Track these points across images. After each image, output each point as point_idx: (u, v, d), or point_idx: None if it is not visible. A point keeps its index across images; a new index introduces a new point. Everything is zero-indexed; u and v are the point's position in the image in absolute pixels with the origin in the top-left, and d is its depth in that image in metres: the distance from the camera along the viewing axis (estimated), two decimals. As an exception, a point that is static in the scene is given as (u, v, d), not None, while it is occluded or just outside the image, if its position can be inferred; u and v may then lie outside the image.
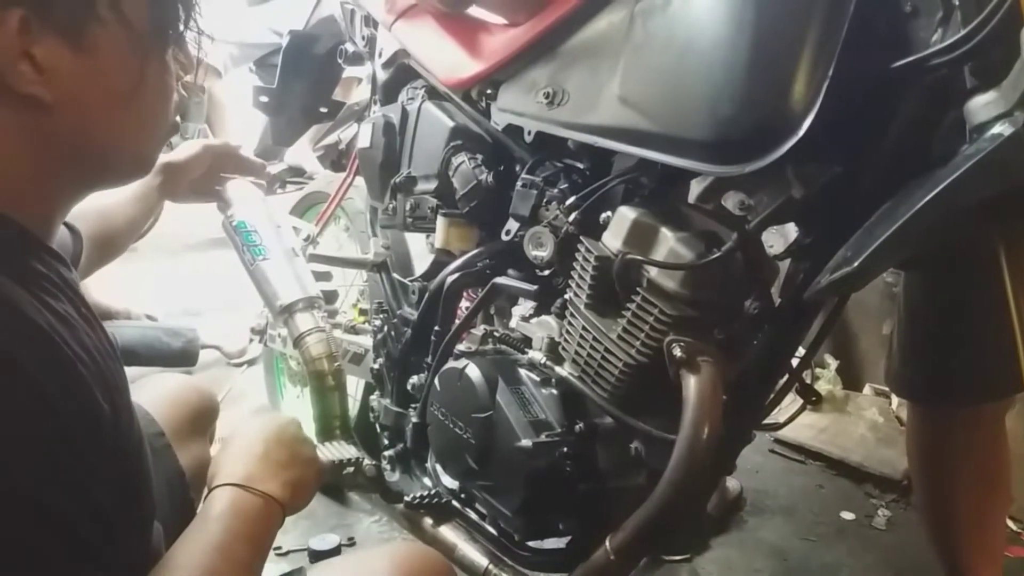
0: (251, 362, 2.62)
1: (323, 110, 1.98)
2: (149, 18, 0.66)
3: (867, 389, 2.34)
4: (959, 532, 1.34)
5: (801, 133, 0.74)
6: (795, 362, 1.02)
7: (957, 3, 0.70)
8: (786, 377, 1.04)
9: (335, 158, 3.74)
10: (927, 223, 0.67)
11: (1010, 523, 1.58)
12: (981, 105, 0.68)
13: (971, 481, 1.32)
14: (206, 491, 0.81)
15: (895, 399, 2.22)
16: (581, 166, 1.07)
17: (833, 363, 2.33)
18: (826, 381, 2.30)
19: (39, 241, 0.67)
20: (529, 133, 1.10)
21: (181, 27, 0.70)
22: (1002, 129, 0.65)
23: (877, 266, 0.70)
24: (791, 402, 2.28)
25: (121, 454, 0.65)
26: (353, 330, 1.62)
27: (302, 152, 4.03)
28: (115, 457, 0.63)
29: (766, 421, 2.09)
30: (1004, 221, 0.71)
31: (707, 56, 0.81)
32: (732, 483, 1.93)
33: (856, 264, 0.68)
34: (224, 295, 3.05)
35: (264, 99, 1.86)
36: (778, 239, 0.90)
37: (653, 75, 0.88)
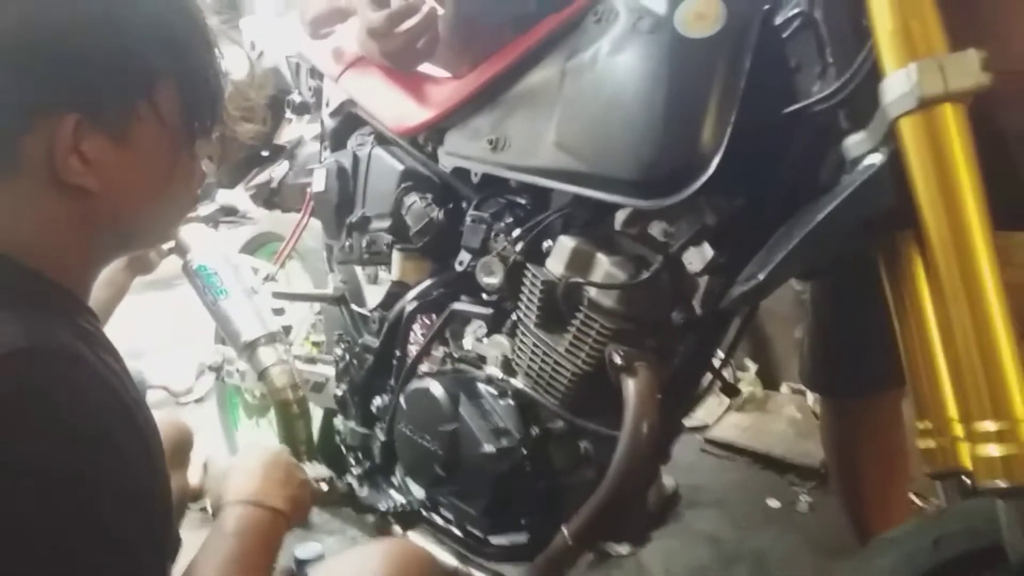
0: (199, 399, 2.68)
1: (265, 154, 2.08)
2: (181, 117, 0.77)
3: (784, 388, 2.53)
4: (868, 506, 1.50)
5: (710, 171, 0.88)
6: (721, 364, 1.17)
7: (831, 60, 0.85)
8: (710, 376, 1.19)
9: (267, 196, 3.80)
10: (816, 241, 0.81)
11: (913, 498, 1.75)
12: (855, 143, 0.81)
13: (875, 461, 1.48)
14: (190, 510, 0.91)
15: (810, 396, 2.41)
16: (523, 202, 1.19)
17: (753, 366, 2.51)
18: (747, 383, 2.48)
19: (83, 302, 0.77)
20: (475, 175, 1.23)
21: (208, 123, 0.81)
22: (872, 161, 0.78)
23: (777, 279, 0.85)
24: (718, 405, 2.46)
25: (162, 491, 0.76)
26: (312, 361, 1.72)
27: (234, 191, 4.07)
28: (162, 494, 0.74)
29: (697, 424, 2.26)
30: (879, 236, 0.85)
31: (629, 107, 0.94)
32: (668, 481, 2.06)
33: (760, 278, 0.82)
34: (163, 335, 3.09)
35: (209, 146, 1.95)
36: (697, 259, 1.04)
37: (584, 123, 1.01)
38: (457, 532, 1.30)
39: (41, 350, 0.64)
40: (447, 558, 1.28)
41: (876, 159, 0.78)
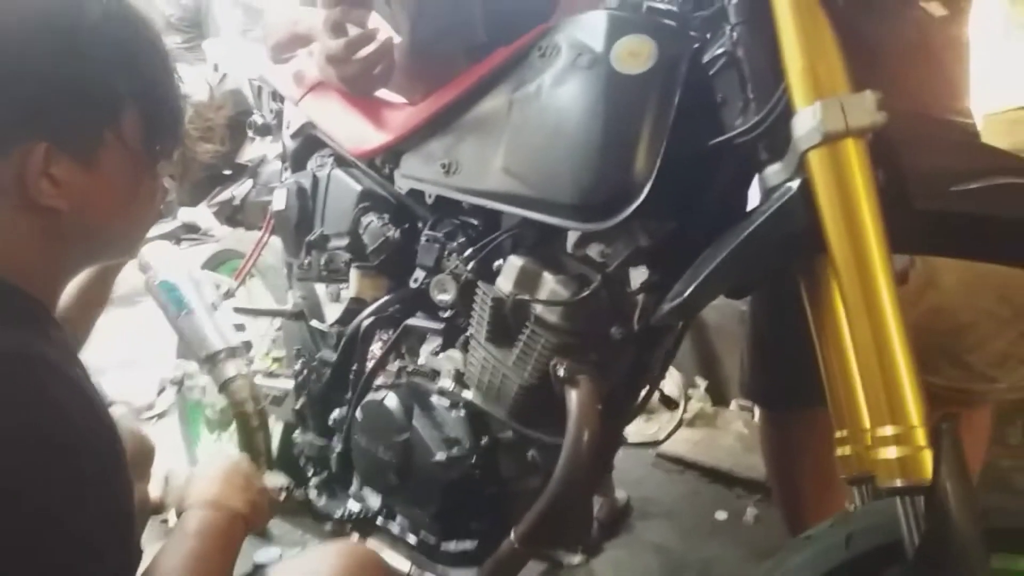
0: (161, 415, 2.70)
1: (227, 172, 2.13)
2: (144, 140, 0.83)
3: (733, 405, 2.60)
4: (806, 515, 1.57)
5: (642, 198, 0.95)
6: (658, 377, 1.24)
7: (752, 97, 0.93)
8: (647, 388, 1.26)
9: (229, 214, 3.84)
10: (736, 262, 0.88)
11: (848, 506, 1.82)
12: (773, 172, 0.88)
13: (812, 472, 1.55)
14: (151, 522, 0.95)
15: (758, 411, 2.49)
16: (475, 223, 1.25)
17: (702, 383, 2.59)
18: (697, 399, 2.56)
19: (51, 313, 0.82)
20: (430, 196, 1.29)
21: (170, 146, 0.87)
22: (786, 189, 0.85)
23: (702, 296, 0.91)
24: (668, 420, 2.54)
25: (129, 494, 0.80)
26: (272, 375, 1.76)
27: (196, 209, 4.09)
28: (129, 497, 0.79)
29: (648, 439, 2.33)
30: (798, 258, 0.92)
31: (569, 136, 1.02)
32: (620, 493, 2.15)
33: (685, 296, 0.89)
34: (122, 352, 3.10)
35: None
36: (635, 278, 1.11)
37: (528, 150, 1.08)
38: (411, 539, 1.35)
39: (14, 356, 0.69)
40: (402, 564, 1.33)
41: (790, 187, 0.84)
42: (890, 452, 0.77)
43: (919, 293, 1.44)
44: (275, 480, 1.42)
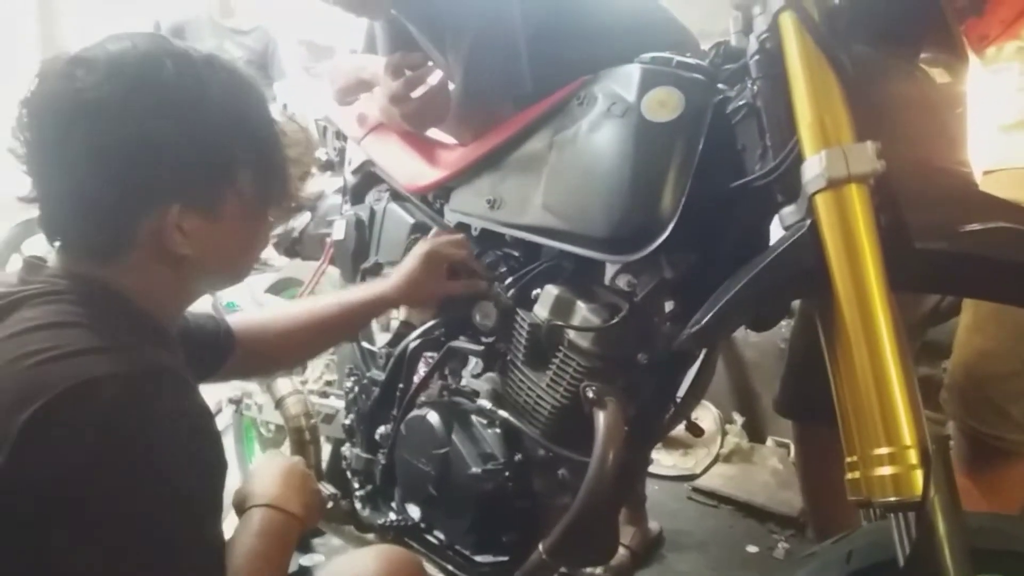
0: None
1: (292, 205, 2.27)
2: (258, 194, 0.95)
3: (769, 441, 2.64)
4: (835, 529, 1.59)
5: (667, 234, 1.05)
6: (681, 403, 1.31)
7: (769, 144, 1.01)
8: (677, 417, 1.33)
9: (289, 245, 4.00)
10: (750, 294, 0.95)
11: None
12: (787, 213, 0.96)
13: (840, 484, 1.58)
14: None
15: (792, 449, 2.53)
16: (516, 254, 1.35)
17: (740, 419, 2.64)
18: (734, 435, 2.61)
19: (173, 335, 0.96)
20: (475, 229, 1.40)
21: (280, 197, 1.00)
22: (798, 229, 0.92)
23: (719, 326, 0.98)
24: (705, 455, 2.59)
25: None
26: (325, 395, 1.87)
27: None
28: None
29: (684, 473, 2.38)
30: (813, 292, 0.99)
31: (602, 177, 1.12)
32: (653, 524, 2.20)
33: (702, 324, 0.96)
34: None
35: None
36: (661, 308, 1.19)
37: (565, 189, 1.18)
38: (447, 551, 1.43)
39: (165, 370, 0.82)
40: (436, 573, 1.41)
41: (799, 227, 0.92)
42: (884, 470, 0.83)
43: (968, 334, 1.49)
44: (324, 490, 1.53)
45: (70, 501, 0.74)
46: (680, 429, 1.39)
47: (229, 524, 1.02)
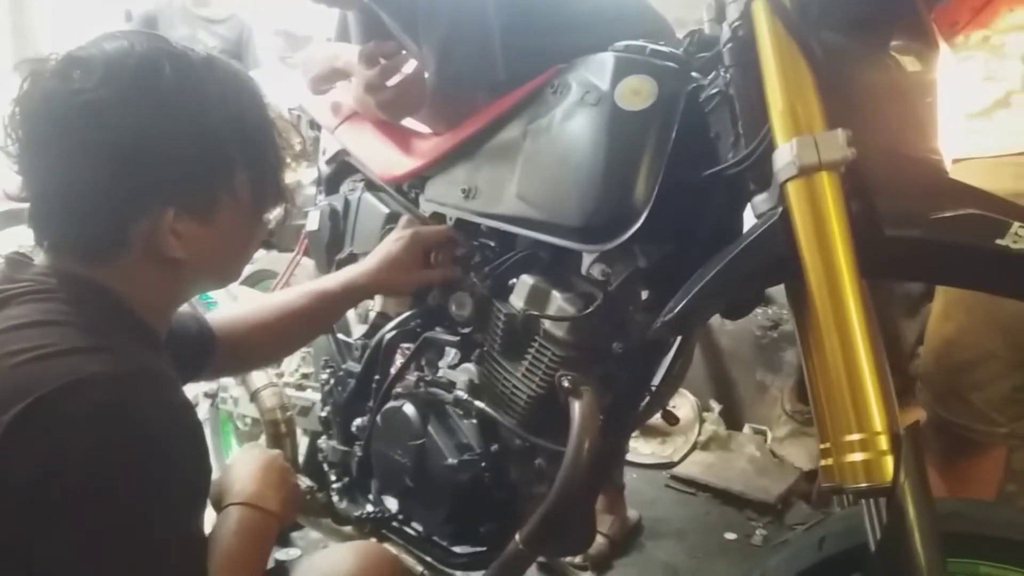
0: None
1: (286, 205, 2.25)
2: (252, 197, 0.95)
3: (746, 428, 2.67)
4: None
5: (640, 223, 1.04)
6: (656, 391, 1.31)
7: (742, 132, 1.01)
8: (653, 406, 1.34)
9: (266, 237, 3.98)
10: (722, 282, 0.95)
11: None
12: (759, 201, 0.95)
13: None
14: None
15: (769, 435, 2.55)
16: (492, 244, 1.35)
17: (717, 407, 2.66)
18: (711, 423, 2.63)
19: (161, 338, 0.96)
20: (451, 219, 1.39)
21: (273, 198, 1.00)
22: (769, 217, 0.92)
23: (691, 314, 0.98)
24: (683, 443, 2.61)
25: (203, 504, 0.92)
26: (300, 388, 1.86)
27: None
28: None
29: (662, 461, 2.39)
30: (784, 280, 0.99)
31: (575, 166, 1.11)
32: (631, 512, 2.21)
33: (675, 312, 0.96)
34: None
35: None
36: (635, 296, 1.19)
37: (539, 178, 1.18)
38: (424, 542, 1.43)
39: (150, 370, 0.82)
40: (413, 564, 1.41)
41: (771, 215, 0.92)
42: (855, 456, 0.83)
43: (937, 322, 1.50)
44: (301, 483, 1.52)
45: (54, 500, 0.74)
46: (658, 417, 1.39)
47: (207, 518, 1.02)
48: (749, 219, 1.02)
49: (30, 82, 0.85)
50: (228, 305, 1.69)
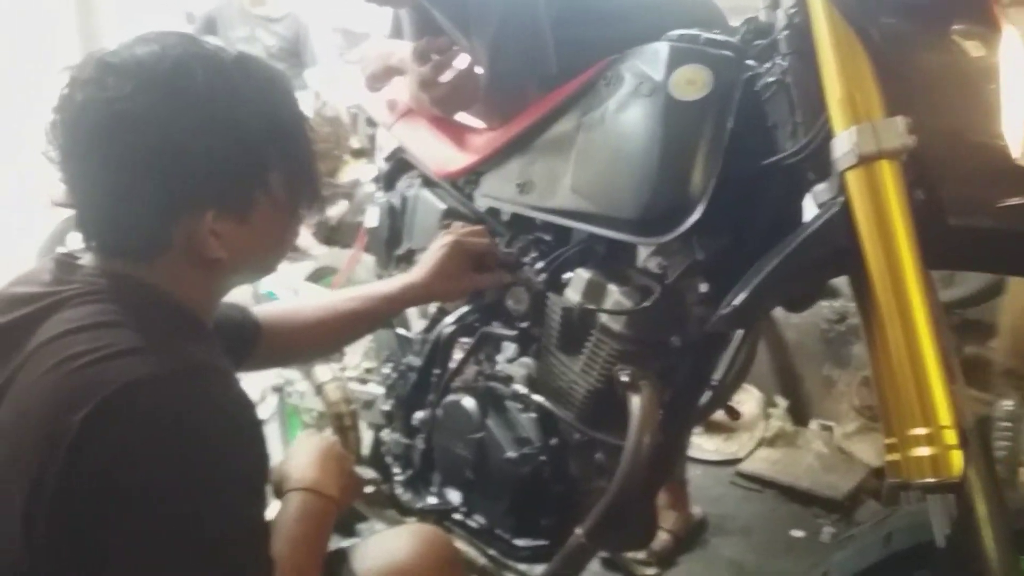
0: (264, 421, 2.87)
1: (325, 194, 2.30)
2: (288, 195, 0.97)
3: (813, 424, 2.61)
4: None
5: (698, 215, 1.03)
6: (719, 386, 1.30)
7: (800, 121, 0.99)
8: (715, 400, 1.32)
9: (326, 233, 4.06)
10: (783, 274, 0.93)
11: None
12: (820, 191, 0.94)
13: None
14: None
15: (837, 431, 2.50)
16: (547, 238, 1.34)
17: (783, 403, 2.61)
18: (777, 419, 2.58)
19: (211, 329, 0.98)
20: (506, 214, 1.39)
21: (309, 194, 1.01)
22: (830, 207, 0.90)
23: (751, 306, 0.96)
24: (748, 439, 2.57)
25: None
26: (363, 382, 1.89)
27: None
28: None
29: (728, 458, 2.36)
30: (848, 271, 0.97)
31: (630, 158, 1.10)
32: (696, 509, 2.19)
33: (735, 305, 0.95)
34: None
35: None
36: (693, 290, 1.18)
37: (594, 171, 1.17)
38: (487, 535, 1.44)
39: (208, 366, 0.85)
40: (475, 555, 1.43)
41: (831, 206, 0.90)
42: (922, 451, 0.81)
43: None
44: (365, 475, 1.55)
45: (120, 500, 0.77)
46: (722, 413, 1.38)
47: (269, 504, 1.04)
48: (809, 209, 1.01)
49: (68, 90, 0.87)
50: (278, 303, 1.73)
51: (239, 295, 1.89)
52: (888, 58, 0.88)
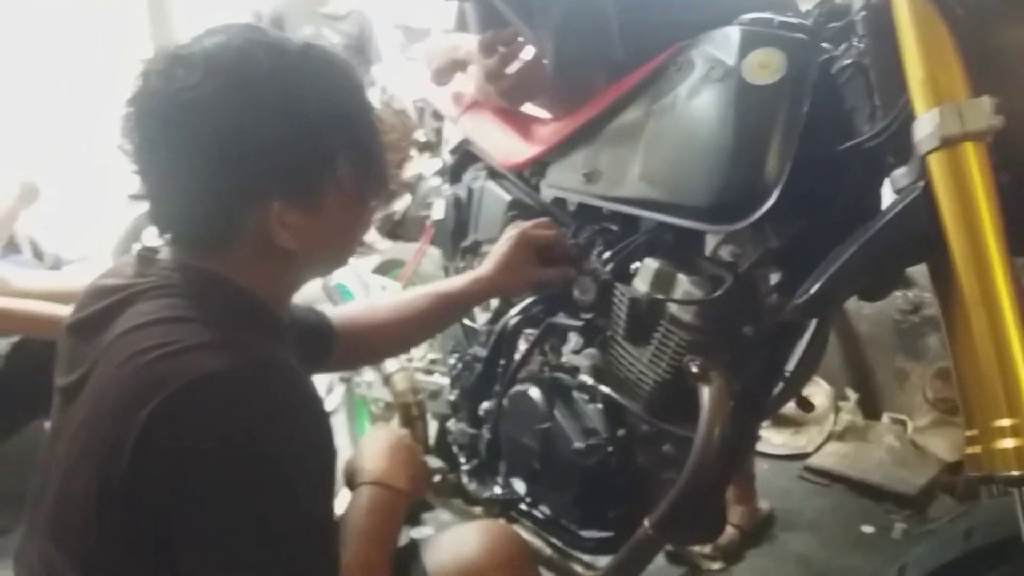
0: (332, 411, 2.92)
1: (392, 188, 2.32)
2: (357, 184, 0.96)
3: (885, 418, 2.54)
4: None
5: (772, 201, 1.01)
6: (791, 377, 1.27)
7: (879, 104, 0.97)
8: (787, 393, 1.30)
9: (391, 228, 4.10)
10: (862, 260, 0.91)
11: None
12: (900, 175, 0.91)
13: None
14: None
15: (910, 425, 2.44)
16: (614, 228, 1.33)
17: (853, 396, 2.55)
18: (847, 412, 2.52)
19: (284, 322, 1.00)
20: (572, 204, 1.39)
21: (378, 184, 1.00)
22: (911, 191, 0.88)
23: (829, 295, 0.94)
24: (817, 433, 2.52)
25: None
26: (429, 372, 1.90)
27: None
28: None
29: (796, 452, 2.32)
30: (928, 258, 0.94)
31: (702, 144, 1.08)
32: (763, 503, 2.15)
33: (811, 293, 0.93)
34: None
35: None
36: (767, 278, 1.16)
37: (663, 158, 1.15)
38: (552, 525, 1.44)
39: (283, 364, 0.86)
40: (542, 546, 1.42)
41: (912, 190, 0.88)
42: (1006, 443, 0.79)
43: None
44: (433, 464, 1.56)
45: (188, 495, 0.78)
46: (790, 407, 1.35)
47: (341, 497, 1.06)
48: (887, 196, 0.98)
49: (141, 82, 0.88)
50: (359, 293, 1.75)
51: (310, 287, 1.94)
52: (972, 36, 0.86)
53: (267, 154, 0.87)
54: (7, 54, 4.16)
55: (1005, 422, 0.79)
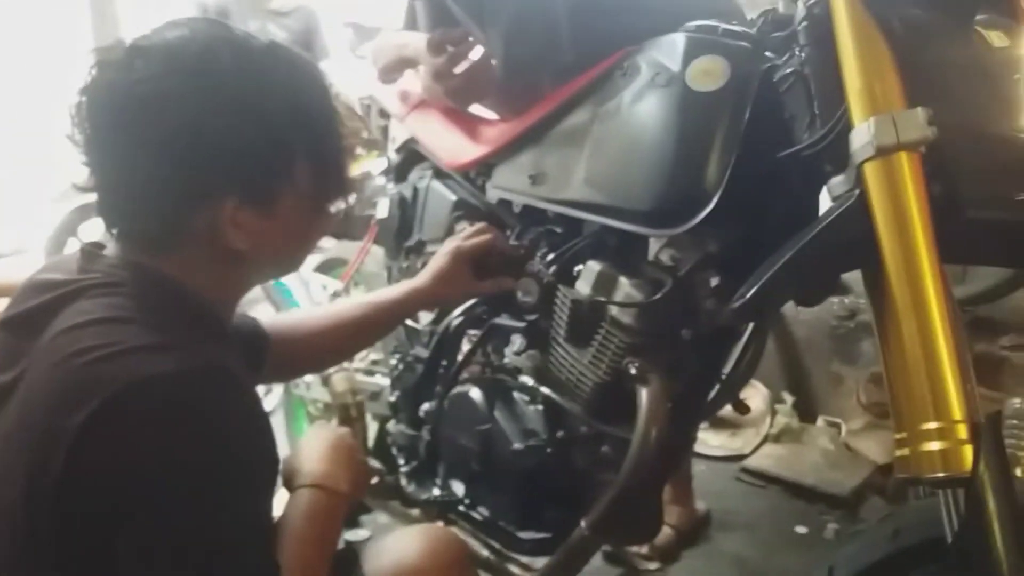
0: (270, 412, 2.87)
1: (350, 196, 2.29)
2: (315, 188, 0.93)
3: (820, 421, 2.60)
4: None
5: (711, 206, 1.02)
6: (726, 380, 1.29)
7: (818, 112, 0.98)
8: (724, 396, 1.32)
9: (335, 226, 4.05)
10: (796, 266, 0.93)
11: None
12: (836, 183, 0.92)
13: None
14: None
15: (844, 428, 2.50)
16: (558, 230, 1.34)
17: (789, 399, 2.61)
18: (783, 415, 2.58)
19: (228, 326, 0.97)
20: (517, 206, 1.38)
21: (337, 189, 0.98)
22: (846, 199, 0.89)
23: (763, 300, 0.95)
24: (753, 435, 2.57)
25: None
26: (370, 373, 1.89)
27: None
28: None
29: (733, 453, 2.36)
30: (861, 265, 0.96)
31: (645, 149, 1.10)
32: (700, 504, 2.18)
33: (747, 298, 0.94)
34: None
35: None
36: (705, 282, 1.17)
37: (607, 162, 1.16)
38: (490, 527, 1.44)
39: (220, 368, 0.83)
40: (479, 548, 1.42)
41: (847, 198, 0.89)
42: (933, 445, 0.80)
43: None
44: (370, 465, 1.54)
45: (127, 499, 0.76)
46: (727, 409, 1.37)
47: (278, 497, 1.03)
48: (824, 203, 1.00)
49: (96, 72, 0.85)
50: (299, 291, 1.73)
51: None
52: (909, 49, 0.88)
53: (224, 152, 0.84)
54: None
55: (932, 425, 0.81)
